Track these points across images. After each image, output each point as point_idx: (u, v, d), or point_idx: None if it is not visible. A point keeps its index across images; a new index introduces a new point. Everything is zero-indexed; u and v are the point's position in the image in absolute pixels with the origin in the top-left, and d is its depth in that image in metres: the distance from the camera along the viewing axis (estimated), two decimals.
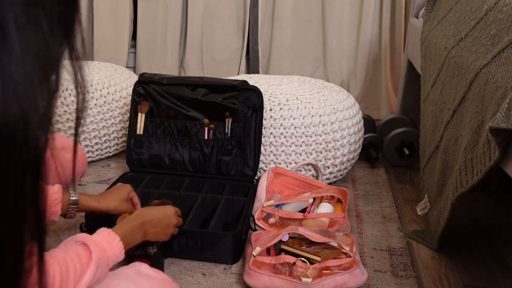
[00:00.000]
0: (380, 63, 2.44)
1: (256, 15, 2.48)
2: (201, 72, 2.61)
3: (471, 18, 1.24)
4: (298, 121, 1.52)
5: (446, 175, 1.22)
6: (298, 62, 2.54)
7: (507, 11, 1.04)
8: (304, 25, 2.49)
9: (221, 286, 1.11)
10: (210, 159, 1.52)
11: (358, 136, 1.64)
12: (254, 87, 1.49)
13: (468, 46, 1.17)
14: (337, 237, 1.16)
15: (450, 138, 1.21)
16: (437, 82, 1.38)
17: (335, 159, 1.58)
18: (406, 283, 1.14)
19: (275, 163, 1.55)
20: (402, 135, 1.78)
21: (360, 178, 1.72)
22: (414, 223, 1.41)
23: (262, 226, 1.33)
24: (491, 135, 0.89)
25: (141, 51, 2.63)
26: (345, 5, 2.41)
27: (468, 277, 1.16)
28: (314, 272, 1.07)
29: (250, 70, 2.58)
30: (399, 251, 1.26)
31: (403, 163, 1.82)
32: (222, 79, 1.55)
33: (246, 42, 2.51)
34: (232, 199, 1.37)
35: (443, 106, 1.29)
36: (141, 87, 1.56)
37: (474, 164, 1.01)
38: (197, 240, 1.18)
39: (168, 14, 2.55)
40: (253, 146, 1.51)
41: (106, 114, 1.73)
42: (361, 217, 1.44)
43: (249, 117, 1.50)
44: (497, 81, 0.94)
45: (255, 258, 1.10)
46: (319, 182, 1.47)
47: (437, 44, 1.42)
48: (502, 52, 0.98)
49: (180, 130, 1.54)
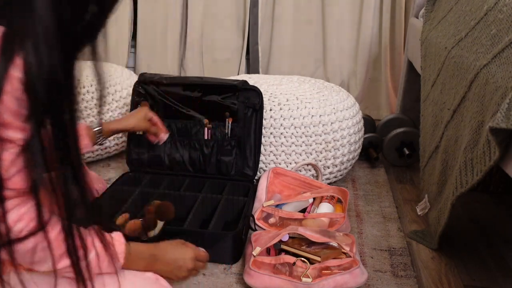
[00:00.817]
0: (380, 63, 2.44)
1: (256, 15, 2.48)
2: (201, 72, 2.61)
3: (471, 18, 1.24)
4: (298, 121, 1.52)
5: (446, 175, 1.22)
6: (298, 62, 2.54)
7: (507, 11, 1.04)
8: (304, 25, 2.49)
9: (221, 286, 1.11)
10: (210, 159, 1.52)
11: (358, 136, 1.64)
12: (254, 87, 1.49)
13: (468, 46, 1.17)
14: (337, 237, 1.16)
15: (450, 138, 1.21)
16: (437, 82, 1.38)
17: (335, 159, 1.58)
18: (406, 283, 1.14)
19: (275, 163, 1.55)
20: (402, 135, 1.78)
21: (360, 178, 1.72)
22: (414, 223, 1.41)
23: (262, 226, 1.33)
24: (491, 135, 0.89)
25: (141, 51, 2.63)
26: (345, 5, 2.41)
27: (468, 277, 1.16)
28: (314, 272, 1.07)
29: (250, 70, 2.58)
30: (399, 251, 1.26)
31: (403, 163, 1.82)
32: (222, 79, 1.55)
33: (246, 42, 2.51)
34: (232, 199, 1.37)
35: (443, 106, 1.29)
36: (141, 87, 1.56)
37: (474, 164, 1.01)
38: (197, 240, 1.18)
39: (168, 14, 2.55)
40: (253, 146, 1.51)
41: (106, 114, 1.73)
42: (361, 217, 1.44)
43: (249, 117, 1.50)
44: (497, 81, 0.94)
45: (255, 258, 1.10)
46: (319, 182, 1.47)
47: (437, 44, 1.43)
48: (502, 52, 0.98)
49: (180, 130, 1.54)
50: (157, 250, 0.94)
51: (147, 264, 0.90)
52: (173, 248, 0.98)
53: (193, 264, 0.98)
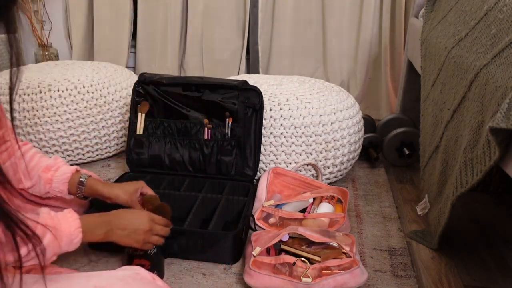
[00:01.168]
0: (380, 63, 2.44)
1: (256, 15, 2.48)
2: (201, 72, 2.61)
3: (471, 18, 1.24)
4: (298, 121, 1.52)
5: (446, 175, 1.22)
6: (298, 62, 2.54)
7: (507, 11, 1.04)
8: (304, 25, 2.49)
9: (221, 286, 1.11)
10: (210, 159, 1.52)
11: (358, 136, 1.64)
12: (254, 87, 1.49)
13: (468, 46, 1.17)
14: (337, 237, 1.16)
15: (450, 138, 1.21)
16: (437, 82, 1.38)
17: (335, 159, 1.58)
18: (406, 283, 1.14)
19: (275, 163, 1.55)
20: (402, 135, 1.78)
21: (360, 178, 1.72)
22: (414, 223, 1.41)
23: (262, 226, 1.33)
24: (491, 135, 0.89)
25: (141, 51, 2.63)
26: (345, 5, 2.41)
27: (468, 277, 1.16)
28: (314, 272, 1.07)
29: (250, 70, 2.58)
30: (399, 251, 1.26)
31: (403, 163, 1.82)
32: (222, 79, 1.55)
33: (246, 42, 2.51)
34: (232, 199, 1.37)
35: (443, 106, 1.29)
36: (141, 87, 1.56)
37: (474, 164, 1.01)
38: (197, 240, 1.18)
39: (168, 14, 2.55)
40: (253, 146, 1.51)
41: (106, 114, 1.73)
42: (361, 217, 1.44)
43: (249, 117, 1.50)
44: (497, 81, 0.94)
45: (255, 258, 1.10)
46: (319, 182, 1.47)
47: (437, 44, 1.43)
48: (502, 52, 0.98)
49: (180, 130, 1.54)
50: (111, 217, 0.98)
51: (104, 233, 0.95)
52: (127, 212, 1.02)
53: (150, 225, 1.02)
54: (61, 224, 0.84)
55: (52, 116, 1.64)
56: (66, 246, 0.85)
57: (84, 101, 1.68)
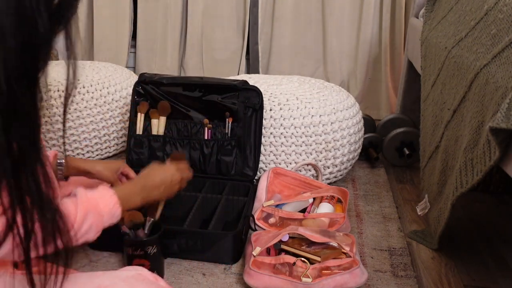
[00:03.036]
0: (380, 63, 2.44)
1: (256, 15, 2.48)
2: (201, 72, 2.61)
3: (471, 18, 1.24)
4: (298, 121, 1.52)
5: (446, 175, 1.22)
6: (298, 62, 2.54)
7: (507, 11, 1.04)
8: (304, 25, 2.48)
9: (221, 286, 1.11)
10: (210, 159, 1.52)
11: (358, 136, 1.64)
12: (254, 87, 1.49)
13: (468, 46, 1.17)
14: (337, 237, 1.15)
15: (450, 138, 1.21)
16: (437, 82, 1.38)
17: (335, 159, 1.58)
18: (406, 283, 1.14)
19: (275, 163, 1.55)
20: (402, 135, 1.78)
21: (360, 178, 1.72)
22: (414, 223, 1.41)
23: (262, 226, 1.33)
24: (491, 135, 0.89)
25: (141, 51, 2.63)
26: (345, 5, 2.41)
27: (468, 277, 1.16)
28: (314, 272, 1.07)
29: (250, 70, 2.58)
30: (399, 251, 1.26)
31: (403, 163, 1.82)
32: (222, 79, 1.55)
33: (246, 42, 2.51)
34: (232, 199, 1.37)
35: (443, 106, 1.29)
36: (141, 87, 1.56)
37: (474, 164, 1.01)
38: (197, 240, 1.18)
39: (168, 14, 2.55)
40: (253, 146, 1.51)
41: (106, 114, 1.73)
42: (361, 217, 1.44)
43: (249, 117, 1.50)
44: (497, 81, 0.94)
45: (255, 258, 1.10)
46: (319, 182, 1.47)
47: (437, 44, 1.42)
48: (502, 52, 0.98)
49: (180, 130, 1.54)
50: (142, 180, 1.03)
51: (141, 198, 0.99)
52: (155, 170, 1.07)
53: (180, 174, 1.10)
54: (99, 204, 0.86)
55: (52, 116, 1.64)
56: (108, 222, 0.88)
57: (84, 101, 1.68)
